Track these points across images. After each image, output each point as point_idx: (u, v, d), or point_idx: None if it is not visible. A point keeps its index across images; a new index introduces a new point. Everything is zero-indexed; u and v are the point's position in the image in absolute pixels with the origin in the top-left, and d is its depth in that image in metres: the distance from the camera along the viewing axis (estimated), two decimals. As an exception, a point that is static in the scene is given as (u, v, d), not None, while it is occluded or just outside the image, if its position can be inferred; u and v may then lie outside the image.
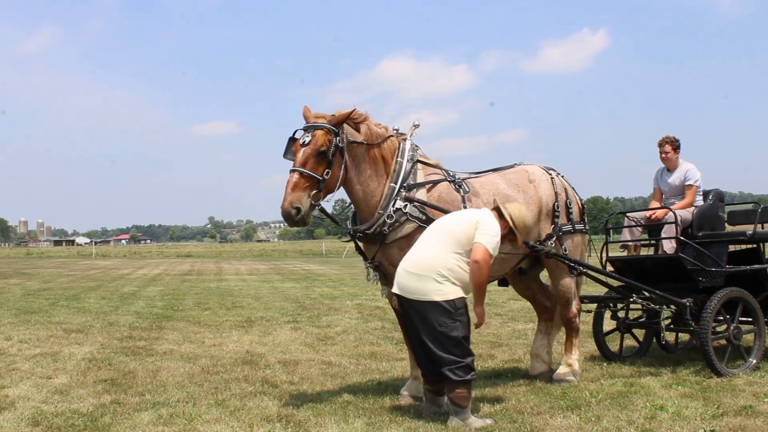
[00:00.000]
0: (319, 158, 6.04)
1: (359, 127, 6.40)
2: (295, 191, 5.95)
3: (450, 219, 6.03)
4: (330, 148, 6.06)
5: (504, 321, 12.26)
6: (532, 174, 7.24)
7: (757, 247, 8.32)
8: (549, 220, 7.15)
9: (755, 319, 7.64)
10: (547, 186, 7.21)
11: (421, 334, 5.64)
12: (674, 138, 8.67)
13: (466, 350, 5.62)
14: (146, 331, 11.40)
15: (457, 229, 5.79)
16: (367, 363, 8.52)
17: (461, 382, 5.54)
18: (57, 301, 16.88)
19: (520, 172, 7.25)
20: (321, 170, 6.06)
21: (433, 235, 5.91)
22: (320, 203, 6.18)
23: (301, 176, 5.99)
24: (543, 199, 7.11)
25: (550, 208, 7.14)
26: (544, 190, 7.15)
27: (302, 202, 5.95)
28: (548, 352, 7.46)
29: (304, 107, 6.37)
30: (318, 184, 6.05)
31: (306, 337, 10.78)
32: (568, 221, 7.28)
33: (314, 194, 6.03)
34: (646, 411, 5.92)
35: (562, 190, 7.32)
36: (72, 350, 9.46)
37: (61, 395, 6.87)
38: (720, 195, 8.61)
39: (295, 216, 5.93)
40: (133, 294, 19.28)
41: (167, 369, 8.16)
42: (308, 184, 6.00)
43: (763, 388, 6.63)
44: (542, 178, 7.24)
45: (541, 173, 7.31)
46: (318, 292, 19.18)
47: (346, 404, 6.35)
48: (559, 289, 7.30)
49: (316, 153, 6.03)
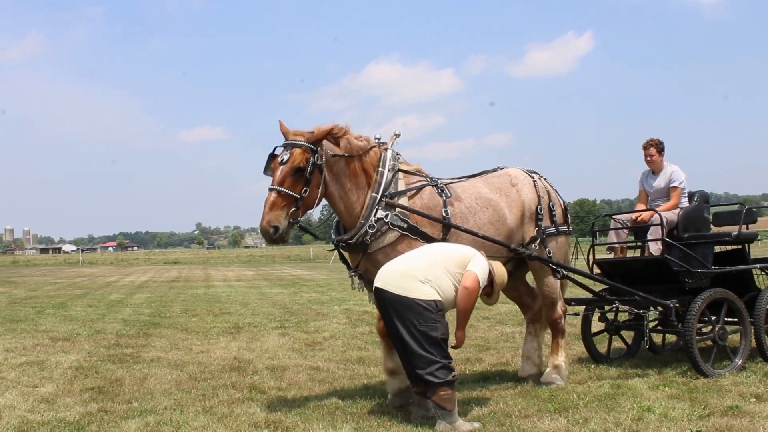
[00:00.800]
0: (296, 177, 6.09)
1: (339, 142, 6.42)
2: (273, 210, 6.02)
3: (449, 245, 6.17)
4: (308, 167, 6.10)
5: (492, 324, 12.27)
6: (515, 177, 7.26)
7: (743, 248, 8.37)
8: (533, 223, 7.18)
9: (740, 320, 7.68)
10: (530, 189, 7.23)
11: (401, 331, 5.62)
12: (658, 140, 8.74)
13: (445, 352, 5.62)
14: (133, 339, 11.35)
15: (454, 253, 5.86)
16: (355, 368, 8.51)
17: (443, 383, 5.53)
18: (43, 310, 16.79)
19: (503, 176, 7.28)
20: (299, 189, 6.11)
21: (429, 249, 6.01)
22: (299, 220, 6.23)
23: (279, 195, 6.05)
24: (526, 202, 7.14)
25: (533, 211, 7.17)
26: (526, 194, 7.18)
27: (280, 220, 6.03)
28: (538, 355, 7.47)
29: (280, 123, 6.43)
30: (296, 202, 6.10)
31: (294, 342, 10.77)
32: (552, 223, 7.31)
33: (292, 212, 6.09)
34: (634, 412, 5.94)
35: (545, 192, 7.34)
36: (58, 358, 9.41)
37: (48, 404, 6.83)
38: (705, 196, 8.68)
39: (273, 235, 6.02)
40: (120, 301, 19.21)
41: (154, 376, 8.12)
42: (286, 203, 6.06)
43: (749, 389, 6.67)
44: (525, 182, 7.26)
45: (524, 176, 7.33)
46: (306, 298, 19.17)
47: (334, 409, 6.34)
48: (543, 290, 7.33)
49: (293, 171, 6.08)
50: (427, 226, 6.46)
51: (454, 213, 6.64)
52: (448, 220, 6.53)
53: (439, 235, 6.51)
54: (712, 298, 7.47)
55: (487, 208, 6.88)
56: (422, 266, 5.71)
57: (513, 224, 7.00)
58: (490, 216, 6.87)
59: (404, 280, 5.66)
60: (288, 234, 6.14)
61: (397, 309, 5.64)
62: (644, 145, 8.77)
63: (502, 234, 6.88)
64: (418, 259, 5.82)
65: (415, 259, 5.84)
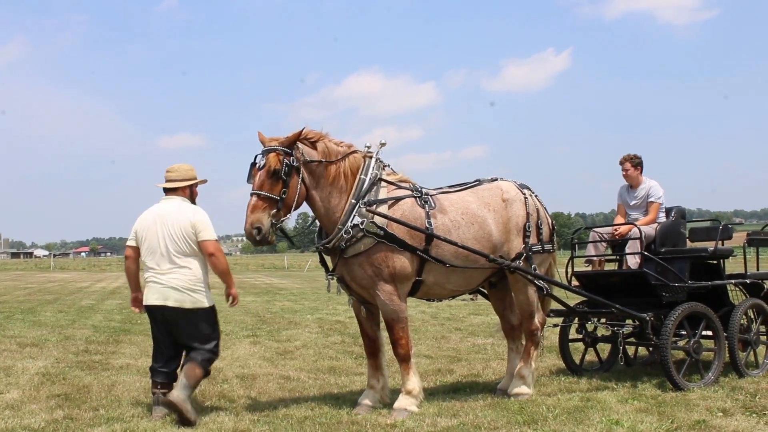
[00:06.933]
0: (273, 179, 6.29)
1: (316, 146, 6.59)
2: (254, 213, 6.24)
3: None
4: (282, 168, 6.28)
5: (464, 336, 12.29)
6: (506, 192, 7.29)
7: (718, 263, 8.46)
8: (520, 239, 7.21)
9: (715, 335, 7.76)
10: (520, 206, 7.26)
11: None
12: (634, 155, 8.82)
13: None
14: (103, 345, 11.25)
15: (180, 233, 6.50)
16: (326, 377, 8.48)
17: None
18: (12, 315, 16.57)
19: (495, 189, 7.31)
20: (277, 190, 6.30)
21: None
22: (281, 222, 6.39)
23: (259, 198, 6.27)
24: (513, 219, 7.17)
25: (521, 228, 7.20)
26: (515, 210, 7.22)
27: (262, 222, 6.22)
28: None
29: (258, 132, 6.62)
30: (276, 203, 6.30)
31: (265, 351, 10.71)
32: (538, 241, 7.34)
33: (274, 213, 6.29)
34: (602, 426, 5.96)
35: (534, 210, 7.38)
36: (25, 364, 9.29)
37: (13, 410, 6.73)
38: (682, 212, 8.79)
39: (256, 236, 6.22)
40: (91, 307, 19.00)
41: (123, 384, 8.04)
42: (266, 205, 6.27)
43: (716, 403, 6.72)
44: (516, 198, 7.29)
45: (516, 192, 7.36)
46: (279, 306, 19.10)
47: (303, 419, 6.30)
48: (521, 303, 7.36)
49: (270, 175, 6.29)
50: (406, 235, 6.50)
51: (437, 225, 6.68)
52: (431, 230, 6.58)
53: (421, 245, 6.55)
54: (688, 311, 7.54)
55: (472, 224, 6.91)
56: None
57: (498, 240, 7.03)
58: (475, 232, 6.90)
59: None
60: (272, 235, 6.32)
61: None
62: (620, 161, 8.86)
63: (486, 249, 6.91)
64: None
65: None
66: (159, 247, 6.48)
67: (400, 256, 6.50)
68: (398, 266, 6.50)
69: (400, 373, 6.74)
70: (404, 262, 6.53)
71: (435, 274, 6.77)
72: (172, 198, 6.63)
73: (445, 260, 6.67)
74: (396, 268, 6.49)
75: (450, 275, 6.85)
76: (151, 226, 6.51)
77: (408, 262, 6.55)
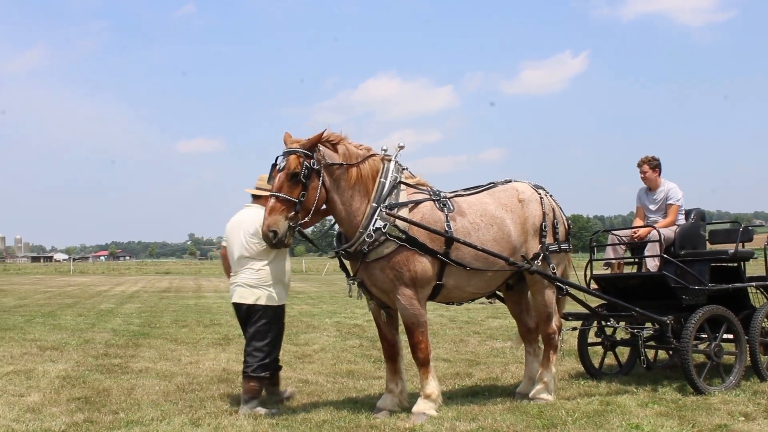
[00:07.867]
0: (293, 182, 6.26)
1: (337, 148, 6.54)
2: (272, 215, 6.20)
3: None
4: (302, 171, 6.24)
5: (482, 339, 12.25)
6: (522, 193, 7.29)
7: (739, 266, 8.39)
8: (537, 239, 7.20)
9: (736, 339, 7.69)
10: (536, 206, 7.26)
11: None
12: (652, 158, 8.75)
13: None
14: (122, 349, 11.30)
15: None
16: (344, 381, 8.48)
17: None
18: (32, 318, 16.69)
19: (510, 190, 7.30)
20: (296, 193, 6.26)
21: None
22: (299, 225, 6.35)
23: (277, 200, 6.24)
24: (530, 219, 7.16)
25: (537, 228, 7.20)
26: (532, 210, 7.21)
27: (279, 225, 6.18)
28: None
29: (286, 133, 6.58)
30: (294, 206, 6.25)
31: (283, 354, 10.63)
32: (554, 240, 7.32)
33: (291, 216, 6.25)
34: (622, 430, 5.93)
35: (550, 210, 7.37)
36: (46, 368, 9.35)
37: (34, 413, 6.78)
38: (701, 214, 8.72)
39: (272, 239, 6.21)
40: (110, 311, 19.11)
41: (142, 387, 8.08)
42: (284, 207, 6.23)
43: (738, 407, 6.66)
44: (531, 198, 7.29)
45: (531, 192, 7.35)
46: (297, 310, 19.10)
47: (322, 423, 6.31)
48: (538, 304, 7.33)
49: (290, 177, 6.26)
50: (426, 239, 6.49)
51: (456, 228, 6.67)
52: (451, 233, 6.56)
53: (441, 248, 6.54)
54: (709, 314, 7.48)
55: (492, 226, 6.91)
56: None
57: (517, 241, 7.03)
58: (495, 233, 6.89)
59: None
60: (289, 238, 6.31)
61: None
62: (638, 163, 8.80)
63: (506, 251, 6.91)
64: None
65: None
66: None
67: (422, 259, 6.49)
68: (419, 270, 6.49)
69: (419, 377, 6.73)
70: (425, 265, 6.52)
71: (455, 278, 6.76)
72: (252, 206, 7.09)
73: (465, 263, 6.66)
74: (417, 272, 6.48)
75: (470, 278, 6.84)
76: (233, 229, 7.05)
77: (429, 265, 6.54)
